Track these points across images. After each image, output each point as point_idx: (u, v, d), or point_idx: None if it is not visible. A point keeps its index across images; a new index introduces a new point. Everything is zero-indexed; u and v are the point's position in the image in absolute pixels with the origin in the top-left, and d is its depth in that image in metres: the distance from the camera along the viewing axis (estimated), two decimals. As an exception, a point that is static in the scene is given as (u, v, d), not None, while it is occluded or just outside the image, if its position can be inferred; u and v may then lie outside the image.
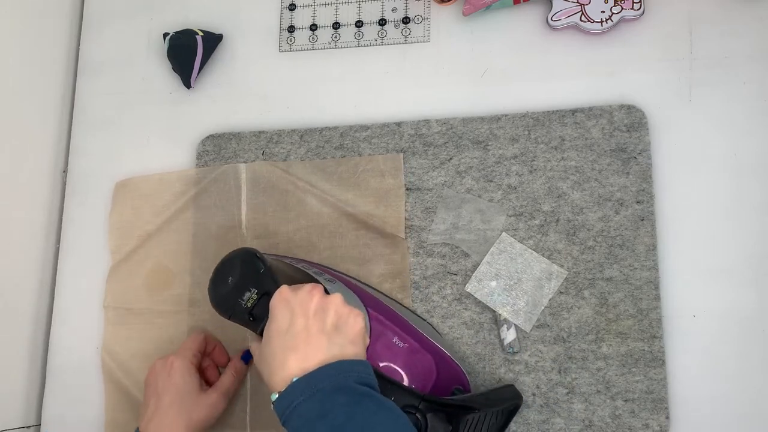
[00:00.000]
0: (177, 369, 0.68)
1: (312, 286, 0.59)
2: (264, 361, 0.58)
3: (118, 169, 0.84)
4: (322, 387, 0.52)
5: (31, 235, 0.83)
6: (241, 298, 0.65)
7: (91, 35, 0.90)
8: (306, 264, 0.73)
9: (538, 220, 0.74)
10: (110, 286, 0.80)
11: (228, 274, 0.67)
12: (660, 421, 0.68)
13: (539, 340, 0.71)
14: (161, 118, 0.85)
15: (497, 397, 0.66)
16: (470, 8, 0.79)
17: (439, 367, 0.69)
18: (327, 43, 0.84)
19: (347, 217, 0.77)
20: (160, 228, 0.80)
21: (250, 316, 0.65)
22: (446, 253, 0.74)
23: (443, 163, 0.77)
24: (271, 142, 0.81)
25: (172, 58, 0.84)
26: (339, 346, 0.56)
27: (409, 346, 0.68)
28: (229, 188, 0.80)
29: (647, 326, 0.69)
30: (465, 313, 0.73)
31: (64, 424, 0.79)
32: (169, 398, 0.67)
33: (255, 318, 0.65)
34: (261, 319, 0.63)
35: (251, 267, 0.66)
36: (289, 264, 0.71)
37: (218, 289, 0.67)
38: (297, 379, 0.53)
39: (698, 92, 0.74)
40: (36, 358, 0.82)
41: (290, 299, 0.58)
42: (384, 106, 0.80)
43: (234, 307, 0.66)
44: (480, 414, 0.62)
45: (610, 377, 0.69)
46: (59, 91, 0.88)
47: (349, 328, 0.57)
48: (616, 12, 0.75)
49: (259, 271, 0.66)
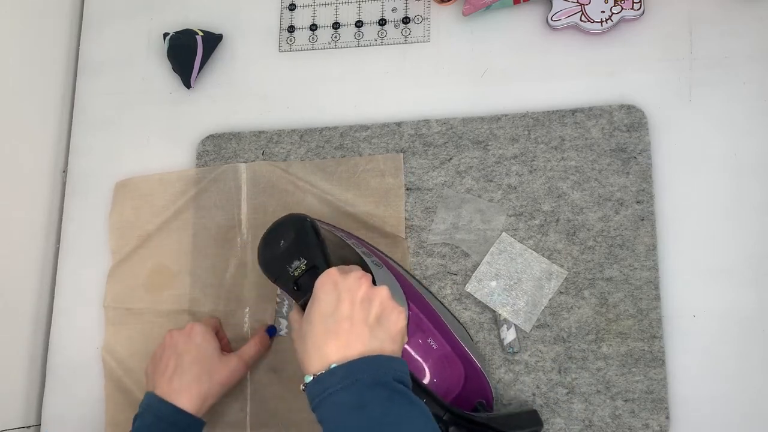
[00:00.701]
0: (198, 332, 0.68)
1: (361, 273, 0.58)
2: (301, 338, 0.56)
3: (118, 169, 0.84)
4: (361, 378, 0.51)
5: (31, 235, 0.83)
6: (289, 265, 0.64)
7: (91, 35, 0.90)
8: (356, 241, 0.71)
9: (538, 220, 0.74)
10: (110, 286, 0.81)
11: (281, 238, 0.65)
12: (660, 421, 0.68)
13: (539, 340, 0.71)
14: (161, 118, 0.85)
15: (520, 422, 0.66)
16: (470, 8, 0.79)
17: (468, 377, 0.68)
18: (327, 43, 0.84)
19: (347, 216, 0.77)
20: (161, 228, 0.81)
21: (295, 285, 0.63)
22: (446, 253, 0.74)
23: (443, 163, 0.77)
24: (271, 142, 0.81)
25: (172, 58, 0.84)
26: (380, 340, 0.54)
27: (442, 349, 0.67)
28: (229, 188, 0.80)
29: (647, 326, 0.69)
30: (465, 313, 0.73)
31: (64, 424, 0.79)
32: (190, 358, 0.67)
33: (300, 288, 0.63)
34: (305, 291, 0.62)
35: (305, 236, 0.65)
36: (340, 238, 0.69)
37: (268, 250, 0.66)
38: (336, 366, 0.52)
39: (698, 92, 0.74)
40: (36, 358, 0.82)
41: (338, 283, 0.56)
42: (384, 106, 0.80)
43: (281, 272, 0.64)
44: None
45: (610, 377, 0.69)
46: (59, 91, 0.88)
47: (391, 324, 0.56)
48: (616, 12, 0.75)
49: (311, 242, 0.64)
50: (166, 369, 0.67)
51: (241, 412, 0.74)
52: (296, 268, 0.63)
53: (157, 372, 0.68)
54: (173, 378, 0.66)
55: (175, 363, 0.67)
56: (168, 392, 0.65)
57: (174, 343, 0.69)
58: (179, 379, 0.66)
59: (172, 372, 0.66)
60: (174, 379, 0.66)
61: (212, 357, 0.68)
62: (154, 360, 0.70)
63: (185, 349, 0.68)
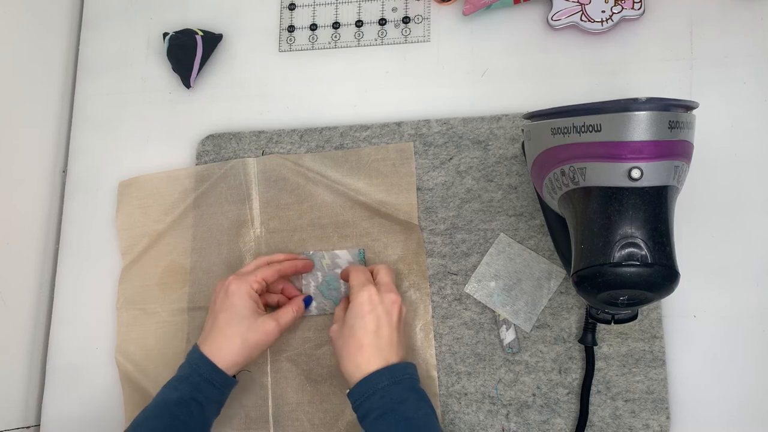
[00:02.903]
0: (234, 291, 0.69)
1: (396, 297, 0.67)
2: (345, 346, 0.65)
3: (117, 169, 0.84)
4: (402, 379, 0.63)
5: (31, 235, 0.83)
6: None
7: (91, 35, 0.90)
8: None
9: (538, 220, 0.74)
10: (122, 287, 0.80)
11: None
12: (660, 422, 0.68)
13: (539, 340, 0.71)
14: (161, 118, 0.85)
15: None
16: (470, 8, 0.79)
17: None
18: (327, 42, 0.84)
19: (360, 206, 0.77)
20: (171, 226, 0.80)
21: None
22: (446, 253, 0.74)
23: (443, 162, 0.77)
24: (270, 141, 0.81)
25: (171, 57, 0.84)
26: (404, 350, 0.67)
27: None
28: (240, 183, 0.80)
29: (647, 326, 0.69)
30: (465, 313, 0.73)
31: (64, 424, 0.79)
32: (225, 317, 0.68)
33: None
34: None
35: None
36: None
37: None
38: (380, 370, 0.63)
39: (698, 92, 0.74)
40: (36, 358, 0.82)
41: (377, 305, 0.66)
42: (384, 106, 0.80)
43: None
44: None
45: (610, 377, 0.69)
46: (59, 91, 0.88)
47: (407, 338, 0.71)
48: (617, 12, 0.75)
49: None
50: (205, 324, 0.70)
51: (263, 405, 0.74)
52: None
53: (205, 326, 0.70)
54: (209, 336, 0.68)
55: (211, 322, 0.69)
56: (206, 347, 0.67)
57: (215, 299, 0.70)
58: (214, 338, 0.68)
59: (208, 330, 0.69)
60: (209, 337, 0.68)
61: (247, 318, 0.68)
62: (209, 311, 0.72)
63: (221, 307, 0.69)
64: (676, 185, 0.54)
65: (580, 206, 0.55)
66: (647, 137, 0.51)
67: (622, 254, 0.52)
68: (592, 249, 0.54)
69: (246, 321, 0.68)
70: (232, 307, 0.68)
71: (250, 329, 0.68)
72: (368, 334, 0.64)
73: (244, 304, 0.68)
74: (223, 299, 0.69)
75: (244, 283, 0.69)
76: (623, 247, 0.52)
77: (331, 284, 0.76)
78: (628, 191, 0.52)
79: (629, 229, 0.52)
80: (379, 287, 0.67)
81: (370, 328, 0.65)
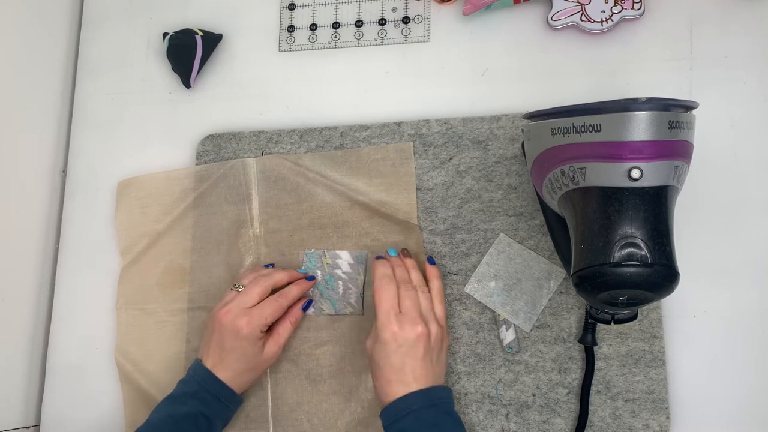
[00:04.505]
0: (245, 336, 0.69)
1: (423, 329, 0.65)
2: (375, 372, 0.66)
3: (117, 169, 0.84)
4: (438, 403, 0.63)
5: (30, 235, 0.83)
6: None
7: (91, 35, 0.90)
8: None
9: (538, 220, 0.73)
10: (122, 287, 0.80)
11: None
12: (660, 421, 0.68)
13: (539, 340, 0.71)
14: (161, 118, 0.85)
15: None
16: (470, 8, 0.79)
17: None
18: (327, 42, 0.84)
19: (359, 206, 0.77)
20: (171, 226, 0.80)
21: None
22: (446, 253, 0.74)
23: (443, 162, 0.77)
24: (270, 141, 0.81)
25: (171, 57, 0.84)
26: (441, 374, 0.67)
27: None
28: (239, 183, 0.80)
29: (647, 326, 0.69)
30: (465, 313, 0.73)
31: (64, 424, 0.79)
32: (235, 356, 0.69)
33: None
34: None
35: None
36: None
37: None
38: (416, 392, 0.63)
39: (698, 92, 0.74)
40: (36, 358, 0.82)
41: (401, 345, 0.65)
42: (384, 106, 0.80)
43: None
44: None
45: (610, 377, 0.69)
46: (59, 91, 0.88)
47: (443, 362, 0.68)
48: (617, 12, 0.75)
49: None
50: (209, 344, 0.70)
51: (263, 405, 0.74)
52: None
53: (204, 347, 0.71)
54: (218, 366, 0.69)
55: (220, 355, 0.70)
56: (213, 368, 0.69)
57: (221, 335, 0.70)
58: (224, 369, 0.69)
59: (218, 361, 0.70)
60: (219, 366, 0.70)
61: (255, 355, 0.70)
62: (209, 330, 0.72)
63: (232, 346, 0.70)
64: (676, 185, 0.54)
65: (580, 206, 0.55)
66: (647, 137, 0.51)
67: (622, 254, 0.52)
68: (591, 249, 0.54)
69: (253, 358, 0.70)
70: (243, 349, 0.69)
71: (257, 363, 0.71)
72: (395, 372, 0.64)
73: (253, 345, 0.70)
74: (234, 340, 0.69)
75: (255, 329, 0.70)
76: (623, 247, 0.52)
77: (330, 284, 0.76)
78: (628, 191, 0.52)
79: (629, 229, 0.52)
80: (406, 316, 0.66)
81: (397, 367, 0.64)
